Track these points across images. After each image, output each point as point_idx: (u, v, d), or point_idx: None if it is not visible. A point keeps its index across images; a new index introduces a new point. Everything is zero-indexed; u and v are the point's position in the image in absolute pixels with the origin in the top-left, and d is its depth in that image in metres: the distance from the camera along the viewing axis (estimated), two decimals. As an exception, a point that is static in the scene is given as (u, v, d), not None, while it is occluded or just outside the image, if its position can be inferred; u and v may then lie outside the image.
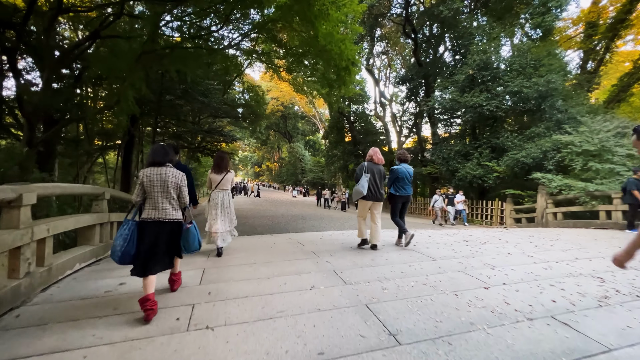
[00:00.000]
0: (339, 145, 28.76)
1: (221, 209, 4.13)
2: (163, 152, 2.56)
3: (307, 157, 50.69)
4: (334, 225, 10.85)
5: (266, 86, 46.70)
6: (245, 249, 4.73)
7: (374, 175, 4.30)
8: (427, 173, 15.53)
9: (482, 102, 10.93)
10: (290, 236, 6.83)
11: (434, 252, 4.32)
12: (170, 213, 2.47)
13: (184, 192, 2.56)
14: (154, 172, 2.45)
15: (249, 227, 10.68)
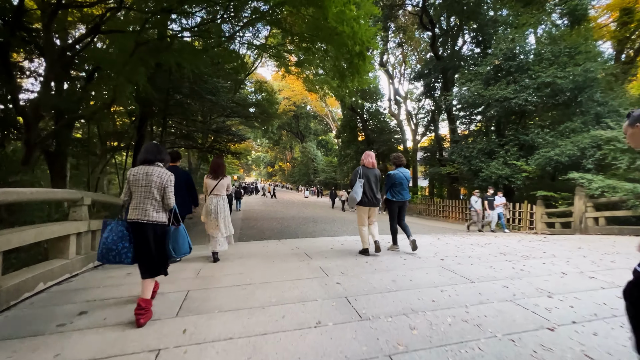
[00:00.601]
0: (352, 144, 28.00)
1: (215, 214, 4.10)
2: (155, 150, 2.48)
3: (319, 157, 50.10)
4: (347, 229, 10.14)
5: (278, 86, 46.37)
6: (243, 262, 4.12)
7: (369, 180, 4.15)
8: (446, 173, 14.56)
9: (510, 94, 9.94)
10: (298, 244, 6.20)
11: (468, 270, 3.57)
12: (150, 214, 2.34)
13: (169, 194, 2.41)
14: (142, 170, 2.37)
15: (257, 230, 10.13)
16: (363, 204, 4.16)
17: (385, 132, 24.15)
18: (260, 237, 8.72)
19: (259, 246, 6.10)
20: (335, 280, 3.16)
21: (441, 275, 3.32)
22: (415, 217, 17.15)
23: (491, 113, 10.44)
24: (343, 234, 9.02)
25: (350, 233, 8.97)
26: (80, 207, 3.63)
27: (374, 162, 4.32)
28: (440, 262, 3.92)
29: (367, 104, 26.29)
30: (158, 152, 2.49)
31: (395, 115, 25.38)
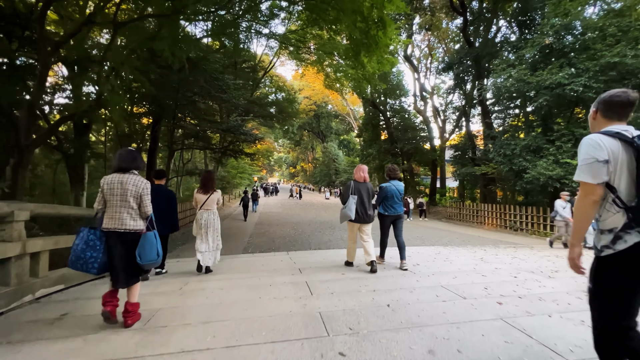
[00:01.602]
0: (374, 143, 26.56)
1: (205, 229, 4.12)
2: (129, 157, 2.43)
3: (340, 157, 48.91)
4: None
5: (298, 85, 45.74)
6: (216, 302, 3.05)
7: (362, 196, 4.03)
8: (481, 174, 12.88)
9: (564, 80, 8.26)
10: (307, 259, 5.14)
11: (572, 338, 2.31)
12: (127, 223, 2.33)
13: (145, 202, 2.40)
14: (116, 179, 2.34)
15: (267, 238, 9.19)
16: (354, 220, 4.02)
17: (410, 130, 22.51)
18: (268, 247, 7.76)
19: (257, 261, 5.09)
20: (346, 344, 2.04)
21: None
22: (444, 222, 15.52)
23: (539, 103, 8.78)
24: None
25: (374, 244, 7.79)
26: (9, 224, 2.79)
27: (365, 176, 4.19)
28: (499, 311, 2.67)
29: (390, 100, 24.78)
30: (132, 160, 2.43)
31: (421, 112, 23.66)
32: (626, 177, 1.35)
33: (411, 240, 8.71)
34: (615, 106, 1.49)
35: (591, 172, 1.38)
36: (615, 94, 1.50)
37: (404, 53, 21.29)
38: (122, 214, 2.30)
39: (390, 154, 24.36)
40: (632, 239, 1.31)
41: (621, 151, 1.36)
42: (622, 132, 1.38)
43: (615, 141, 1.37)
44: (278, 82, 35.93)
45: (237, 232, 10.36)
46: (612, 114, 1.50)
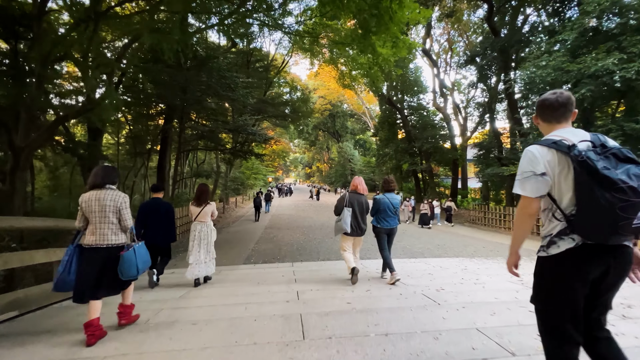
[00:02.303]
0: (391, 142, 25.52)
1: (198, 241, 4.14)
2: (102, 173, 2.48)
3: (356, 157, 47.93)
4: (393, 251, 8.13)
5: (313, 85, 45.16)
6: (179, 347, 2.39)
7: (355, 209, 4.03)
8: (509, 174, 11.72)
9: (612, 66, 7.11)
10: (311, 273, 4.44)
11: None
12: (109, 238, 2.40)
13: (124, 215, 2.45)
14: (93, 196, 2.39)
15: (274, 245, 8.57)
16: (348, 233, 3.98)
17: (429, 128, 21.33)
18: (272, 256, 7.13)
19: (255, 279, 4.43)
20: None
21: None
22: (466, 227, 14.38)
23: (581, 94, 7.65)
24: (375, 255, 7.08)
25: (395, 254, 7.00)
26: None
27: (359, 186, 4.16)
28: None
29: (408, 98, 23.68)
30: (106, 175, 2.48)
31: (440, 109, 22.41)
32: (565, 188, 1.34)
33: (432, 250, 7.85)
34: (547, 109, 1.47)
35: (528, 186, 1.37)
36: (544, 97, 1.49)
37: (423, 47, 20.14)
38: (104, 230, 2.38)
39: (408, 153, 23.26)
40: (564, 244, 1.34)
41: (558, 161, 1.34)
42: (559, 141, 1.35)
43: (551, 152, 1.35)
44: (292, 81, 35.53)
45: (244, 237, 9.83)
46: (550, 118, 1.49)
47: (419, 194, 22.32)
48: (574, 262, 1.32)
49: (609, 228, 1.22)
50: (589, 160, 1.22)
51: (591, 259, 1.30)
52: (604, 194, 1.18)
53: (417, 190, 23.72)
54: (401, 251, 7.70)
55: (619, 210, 1.17)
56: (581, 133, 1.39)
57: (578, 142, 1.32)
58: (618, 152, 1.25)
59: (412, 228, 12.30)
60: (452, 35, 25.99)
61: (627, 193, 1.16)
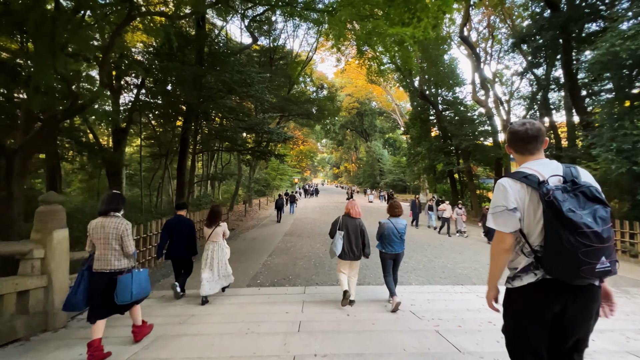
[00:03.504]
0: (424, 140, 23.57)
1: (209, 260, 4.28)
2: (108, 200, 2.71)
3: (385, 156, 45.86)
4: (430, 273, 6.73)
5: (340, 83, 43.86)
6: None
7: (349, 232, 3.99)
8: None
9: None
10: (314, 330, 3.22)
11: None
12: (112, 264, 2.59)
13: (126, 242, 2.63)
14: (99, 223, 2.60)
15: (288, 259, 7.48)
16: (341, 257, 3.96)
17: (468, 124, 19.19)
18: (283, 275, 6.03)
19: (248, 319, 3.31)
20: None
21: None
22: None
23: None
24: (416, 279, 5.73)
25: (435, 281, 5.62)
26: None
27: (351, 210, 4.12)
28: None
29: (442, 91, 21.64)
30: (111, 202, 2.69)
31: (481, 102, 20.11)
32: (534, 223, 1.33)
33: (480, 272, 6.30)
34: (519, 142, 1.47)
35: (502, 221, 1.37)
36: (514, 129, 1.48)
37: (460, 33, 18.12)
38: (107, 256, 2.60)
39: (443, 152, 21.23)
40: (527, 278, 1.36)
41: (528, 197, 1.34)
42: (530, 175, 1.35)
43: (522, 186, 1.36)
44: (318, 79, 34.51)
45: (259, 247, 8.87)
46: (522, 150, 1.48)
47: (455, 197, 20.23)
48: (534, 295, 1.34)
49: (571, 270, 1.22)
50: (555, 200, 1.22)
51: (550, 293, 1.31)
52: (568, 237, 1.19)
53: (453, 193, 21.60)
54: (441, 272, 6.27)
55: (581, 254, 1.17)
56: (554, 165, 1.39)
57: (549, 176, 1.33)
58: (587, 190, 1.25)
59: (457, 240, 10.63)
60: (492, 21, 23.50)
61: (591, 238, 1.17)
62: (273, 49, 20.61)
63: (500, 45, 23.58)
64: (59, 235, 3.38)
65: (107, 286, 2.56)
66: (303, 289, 5.02)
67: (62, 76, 4.70)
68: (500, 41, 23.69)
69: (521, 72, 21.28)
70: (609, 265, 1.19)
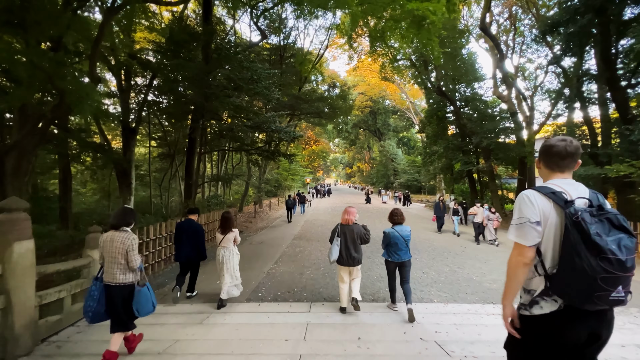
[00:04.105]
0: (440, 139, 22.54)
1: (221, 265, 4.40)
2: (120, 214, 2.82)
3: (400, 155, 44.66)
4: (454, 285, 6.00)
5: (352, 81, 43.03)
6: None
7: (346, 239, 4.05)
8: (615, 176, 8.62)
9: None
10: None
11: None
12: (117, 277, 2.67)
13: (131, 257, 2.68)
14: (108, 237, 2.71)
15: (295, 268, 6.89)
16: (340, 263, 4.07)
17: (489, 121, 18.08)
18: (289, 288, 5.44)
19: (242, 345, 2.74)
20: None
21: None
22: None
23: None
24: (438, 295, 5.01)
25: (461, 297, 4.88)
26: None
27: (348, 218, 4.14)
28: None
29: (461, 87, 20.58)
30: (122, 217, 2.79)
31: (503, 98, 18.93)
32: (552, 242, 1.30)
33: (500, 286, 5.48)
34: (555, 157, 1.44)
35: (523, 233, 1.33)
36: (552, 143, 1.46)
37: (481, 24, 17.06)
38: (114, 269, 2.67)
39: (461, 150, 20.16)
40: (548, 306, 1.30)
41: (552, 213, 1.31)
42: (558, 192, 1.33)
43: (548, 202, 1.33)
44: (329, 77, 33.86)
45: (265, 252, 8.33)
46: (554, 166, 1.45)
47: (474, 198, 19.14)
48: (558, 324, 1.28)
49: (585, 295, 1.19)
50: (583, 222, 1.19)
51: (576, 321, 1.26)
52: (590, 261, 1.16)
53: (472, 194, 20.50)
54: (466, 286, 5.51)
55: (600, 280, 1.14)
56: (581, 188, 1.37)
57: (576, 197, 1.31)
58: (614, 218, 1.22)
59: (481, 247, 9.73)
60: (514, 12, 22.20)
61: (614, 265, 1.14)
62: (283, 47, 20.12)
63: (523, 37, 22.33)
64: (20, 248, 2.91)
65: (112, 299, 2.67)
66: (308, 305, 4.42)
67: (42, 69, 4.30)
68: (522, 33, 22.40)
69: (547, 64, 20.04)
70: (623, 295, 1.18)
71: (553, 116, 21.48)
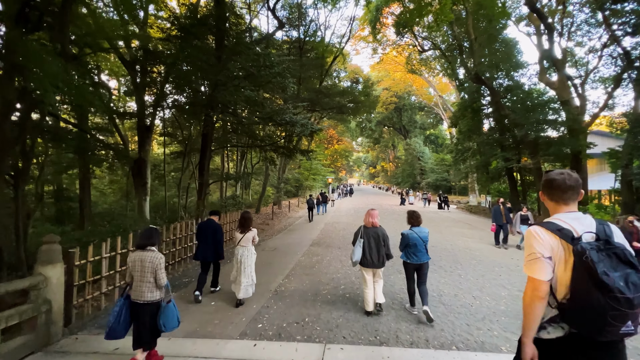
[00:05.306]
0: (475, 134, 20.43)
1: (240, 264, 4.48)
2: (146, 235, 2.97)
3: (427, 154, 42.16)
4: (520, 317, 4.50)
5: (376, 77, 41.20)
6: None
7: (369, 240, 4.07)
8: None
9: None
10: None
11: None
12: (145, 295, 2.79)
13: (159, 275, 2.81)
14: (137, 257, 2.86)
15: (310, 283, 5.66)
16: (364, 264, 4.07)
17: (537, 111, 15.82)
18: (298, 317, 4.21)
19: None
20: None
21: None
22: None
23: None
24: (503, 340, 3.52)
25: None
26: None
27: (373, 221, 4.16)
28: None
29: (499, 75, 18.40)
30: (149, 237, 2.95)
31: (552, 84, 16.57)
32: (562, 275, 1.33)
33: None
34: (556, 191, 1.46)
35: (537, 268, 1.36)
36: (552, 177, 1.48)
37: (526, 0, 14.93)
38: (142, 288, 2.79)
39: (501, 146, 18.00)
40: (555, 332, 1.36)
41: (560, 249, 1.35)
42: (564, 229, 1.36)
43: (555, 238, 1.36)
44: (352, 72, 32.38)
45: (277, 262, 7.19)
46: (557, 199, 1.46)
47: (515, 199, 16.95)
48: (563, 350, 1.34)
49: (596, 328, 1.22)
50: (590, 261, 1.22)
51: (579, 349, 1.31)
52: (599, 298, 1.19)
53: (512, 194, 18.22)
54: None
55: (609, 317, 1.18)
56: (587, 221, 1.39)
57: (583, 232, 1.34)
58: (621, 253, 1.25)
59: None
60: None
61: (621, 303, 1.17)
62: (303, 40, 19.02)
63: (572, 18, 19.80)
64: None
65: (140, 316, 2.78)
66: (322, 349, 3.17)
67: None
68: (571, 14, 19.84)
69: (602, 46, 17.52)
70: (633, 329, 1.22)
71: (609, 106, 18.73)
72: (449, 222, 15.11)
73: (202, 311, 4.35)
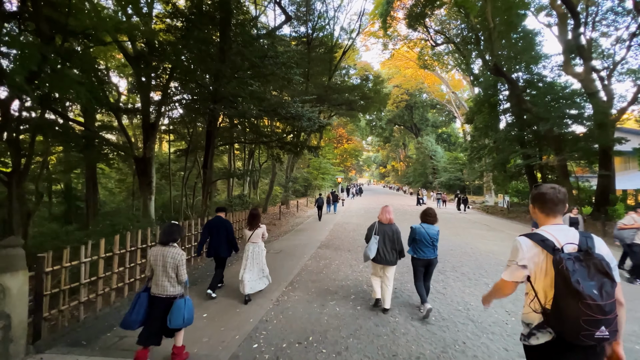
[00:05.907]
0: (492, 130, 19.44)
1: (250, 260, 4.52)
2: (168, 231, 2.98)
3: (439, 152, 40.93)
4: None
5: (386, 74, 40.23)
6: None
7: (384, 237, 4.09)
8: None
9: None
10: None
11: None
12: (168, 290, 2.83)
13: (181, 271, 2.86)
14: (159, 251, 2.88)
15: (316, 290, 5.03)
16: (376, 261, 4.09)
17: (559, 105, 14.78)
18: (299, 339, 3.59)
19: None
20: None
21: None
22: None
23: None
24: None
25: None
26: None
27: (390, 217, 4.22)
28: None
29: (519, 68, 17.37)
30: (170, 233, 2.96)
31: (577, 76, 15.45)
32: (544, 282, 1.43)
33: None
34: (548, 203, 1.55)
35: (509, 272, 1.53)
36: (544, 191, 1.57)
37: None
38: (164, 282, 2.82)
39: (519, 142, 16.99)
40: (543, 337, 1.45)
41: (541, 258, 1.45)
42: (547, 240, 1.46)
43: (537, 247, 1.46)
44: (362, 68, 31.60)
45: (280, 267, 6.60)
46: (548, 212, 1.56)
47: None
48: (552, 353, 1.43)
49: (572, 332, 1.31)
50: (566, 270, 1.31)
51: (561, 352, 1.40)
52: (572, 305, 1.29)
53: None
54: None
55: (583, 322, 1.27)
56: (571, 233, 1.48)
57: (565, 243, 1.43)
58: (599, 263, 1.32)
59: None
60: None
61: (593, 309, 1.25)
62: (311, 35, 18.42)
63: (597, 7, 18.58)
64: None
65: (162, 310, 2.78)
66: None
67: None
68: (595, 2, 18.64)
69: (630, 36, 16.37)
70: (608, 335, 1.27)
71: (639, 100, 17.45)
72: (465, 224, 14.22)
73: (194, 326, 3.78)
